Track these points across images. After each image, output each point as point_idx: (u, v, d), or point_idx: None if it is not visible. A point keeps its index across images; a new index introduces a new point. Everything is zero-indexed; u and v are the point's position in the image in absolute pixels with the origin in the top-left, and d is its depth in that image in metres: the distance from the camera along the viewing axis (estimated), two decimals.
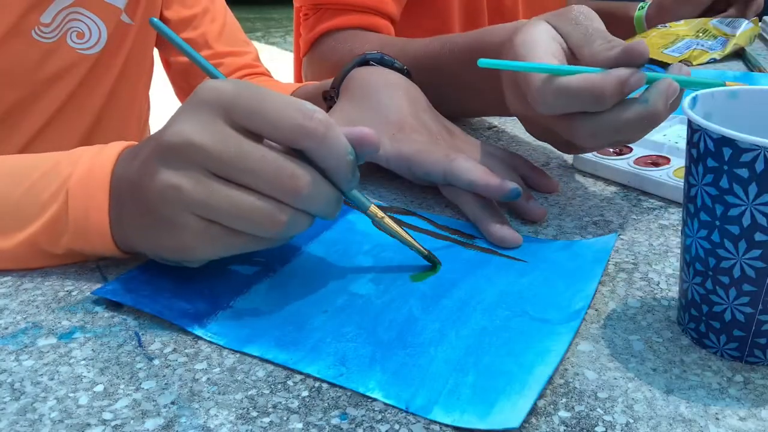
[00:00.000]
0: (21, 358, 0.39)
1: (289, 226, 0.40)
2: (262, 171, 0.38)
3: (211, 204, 0.39)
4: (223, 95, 0.39)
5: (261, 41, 5.08)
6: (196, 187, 0.38)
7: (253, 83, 0.41)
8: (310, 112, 0.39)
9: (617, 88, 0.46)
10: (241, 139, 0.39)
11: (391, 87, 0.60)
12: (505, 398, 0.35)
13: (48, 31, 0.70)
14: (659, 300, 0.44)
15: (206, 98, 0.39)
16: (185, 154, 0.38)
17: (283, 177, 0.39)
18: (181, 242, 0.40)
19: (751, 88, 0.41)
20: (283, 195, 0.39)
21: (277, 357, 0.39)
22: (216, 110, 0.39)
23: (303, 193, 0.39)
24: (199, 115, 0.39)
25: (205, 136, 0.38)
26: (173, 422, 0.34)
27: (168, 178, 0.39)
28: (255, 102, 0.39)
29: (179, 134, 0.39)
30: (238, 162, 0.38)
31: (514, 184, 0.51)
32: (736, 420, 0.35)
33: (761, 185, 0.34)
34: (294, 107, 0.39)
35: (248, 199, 0.39)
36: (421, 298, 0.44)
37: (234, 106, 0.39)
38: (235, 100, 0.39)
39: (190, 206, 0.39)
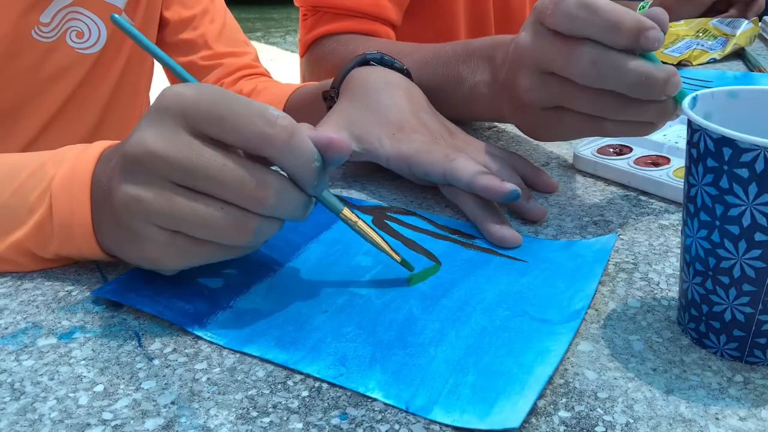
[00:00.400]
0: (21, 358, 0.39)
1: (257, 234, 0.39)
2: (225, 180, 0.38)
3: (174, 215, 0.38)
4: (183, 102, 0.38)
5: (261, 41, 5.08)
6: (158, 198, 0.38)
7: (217, 87, 0.40)
8: (273, 117, 0.38)
9: (636, 28, 0.46)
10: (203, 148, 0.38)
11: (392, 87, 0.60)
12: (505, 398, 0.35)
13: (47, 30, 0.70)
14: (659, 300, 0.44)
15: (167, 105, 0.38)
16: (146, 165, 0.38)
17: (248, 185, 0.38)
18: (146, 253, 0.40)
19: (751, 88, 0.41)
20: (248, 203, 0.38)
21: (277, 357, 0.39)
22: (177, 118, 0.38)
23: (269, 202, 0.38)
24: (160, 123, 0.38)
25: (165, 145, 0.37)
26: (173, 422, 0.34)
27: (130, 190, 0.38)
28: (216, 108, 0.38)
29: (140, 144, 0.38)
30: (200, 171, 0.37)
31: (513, 186, 0.51)
32: (736, 420, 0.35)
33: (761, 185, 0.34)
34: (256, 113, 0.38)
35: (211, 210, 0.38)
36: (421, 298, 0.44)
37: (195, 113, 0.38)
38: (195, 106, 0.38)
39: (152, 218, 0.38)
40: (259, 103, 0.39)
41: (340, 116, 0.59)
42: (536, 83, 0.53)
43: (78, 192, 0.42)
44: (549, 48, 0.51)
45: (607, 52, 0.48)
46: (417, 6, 0.96)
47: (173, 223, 0.38)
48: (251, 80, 0.85)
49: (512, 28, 1.05)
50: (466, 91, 0.64)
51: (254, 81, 0.85)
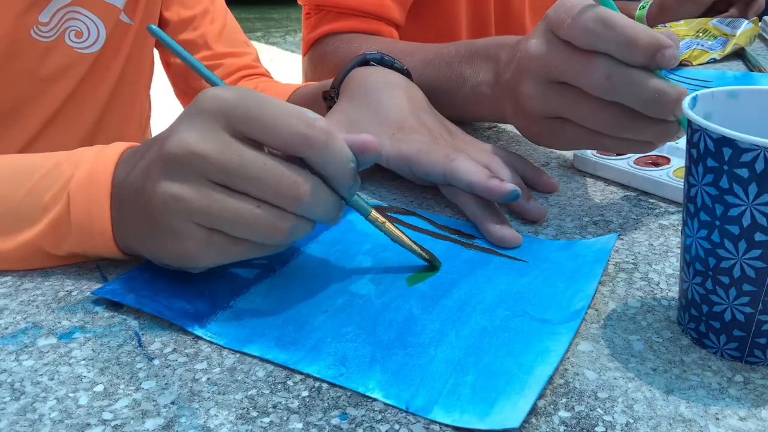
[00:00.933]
0: (21, 358, 0.39)
1: (291, 233, 0.40)
2: (263, 179, 0.39)
3: (213, 213, 0.39)
4: (224, 104, 0.39)
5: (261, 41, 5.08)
6: (198, 197, 0.39)
7: (254, 90, 0.41)
8: (312, 120, 0.39)
9: (653, 45, 0.47)
10: (243, 148, 0.39)
11: (391, 87, 0.60)
12: (505, 398, 0.35)
13: (46, 30, 0.70)
14: (659, 300, 0.44)
15: (207, 107, 0.39)
16: (187, 164, 0.39)
17: (285, 185, 0.39)
18: (184, 250, 0.40)
19: (751, 88, 0.41)
20: (284, 203, 0.39)
21: (277, 357, 0.39)
22: (217, 119, 0.39)
23: (304, 201, 0.39)
24: (201, 123, 0.39)
25: (206, 145, 0.38)
26: (173, 422, 0.34)
27: (170, 188, 0.39)
28: (256, 110, 0.39)
29: (181, 144, 0.39)
30: (239, 171, 0.38)
31: (513, 186, 0.51)
32: (736, 420, 0.35)
33: (761, 185, 0.34)
34: (295, 115, 0.39)
35: (250, 208, 0.39)
36: (421, 298, 0.44)
37: (235, 114, 0.39)
38: (235, 108, 0.39)
39: (192, 216, 0.39)
40: (296, 106, 0.40)
41: (340, 116, 0.59)
42: (541, 92, 0.53)
43: (97, 192, 0.43)
44: (561, 58, 0.51)
45: (622, 67, 0.48)
46: (419, 6, 0.96)
47: (212, 221, 0.39)
48: (251, 80, 0.85)
49: (512, 29, 1.05)
50: (469, 91, 0.64)
51: (254, 81, 0.85)
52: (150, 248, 0.43)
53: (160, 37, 0.46)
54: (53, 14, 0.70)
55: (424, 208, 0.56)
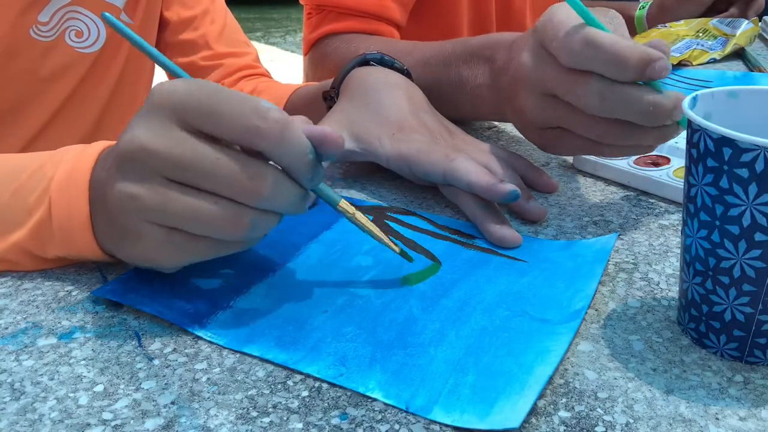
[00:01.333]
0: (21, 358, 0.39)
1: (254, 228, 0.39)
2: (219, 174, 0.38)
3: (169, 211, 0.38)
4: (175, 98, 0.38)
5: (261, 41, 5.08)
6: (153, 195, 0.38)
7: (209, 82, 0.39)
8: (265, 111, 0.38)
9: (642, 61, 0.46)
10: (196, 143, 0.38)
11: (391, 87, 0.60)
12: (505, 398, 0.35)
13: (46, 29, 0.70)
14: (659, 300, 0.44)
15: (158, 102, 0.38)
16: (140, 162, 0.38)
17: (242, 179, 0.38)
18: (144, 251, 0.40)
19: (751, 88, 0.41)
20: (243, 197, 0.38)
21: (277, 357, 0.39)
22: (168, 113, 0.38)
23: (264, 195, 0.38)
24: (152, 119, 0.38)
25: (158, 141, 0.37)
26: (173, 422, 0.34)
27: (125, 188, 0.38)
28: (207, 103, 0.38)
29: (132, 141, 0.38)
30: (193, 166, 0.37)
31: (513, 186, 0.51)
32: (736, 420, 0.35)
33: (761, 185, 0.34)
34: (248, 107, 0.38)
35: (206, 204, 0.38)
36: (421, 298, 0.44)
37: (186, 108, 0.38)
38: (187, 102, 0.38)
39: (147, 215, 0.38)
40: (252, 96, 0.38)
41: (340, 116, 0.59)
42: (538, 105, 0.53)
43: (76, 193, 0.42)
44: (553, 75, 0.50)
45: (614, 86, 0.48)
46: (421, 6, 0.96)
47: (168, 219, 0.38)
48: (251, 80, 0.85)
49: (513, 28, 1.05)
50: (468, 92, 0.64)
51: (254, 81, 0.85)
52: (117, 249, 0.42)
53: (114, 24, 0.44)
54: (53, 14, 0.70)
55: (424, 208, 0.56)
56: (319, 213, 0.54)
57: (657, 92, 0.48)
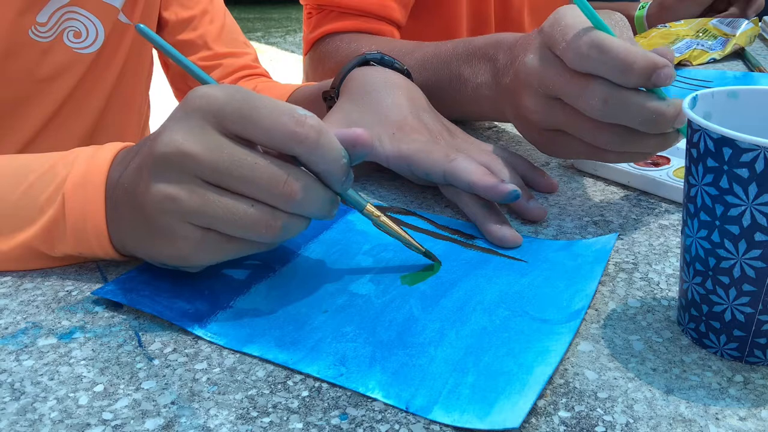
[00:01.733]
0: (21, 358, 0.39)
1: (285, 231, 0.40)
2: (255, 178, 0.39)
3: (207, 212, 0.39)
4: (213, 103, 0.39)
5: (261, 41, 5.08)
6: (191, 197, 0.39)
7: (244, 88, 0.40)
8: (302, 117, 0.39)
9: (648, 68, 0.46)
10: (234, 147, 0.39)
11: (391, 87, 0.60)
12: (505, 398, 0.35)
13: (44, 30, 0.70)
14: (659, 300, 0.44)
15: (197, 106, 0.39)
16: (178, 164, 0.38)
17: (277, 184, 0.39)
18: (179, 250, 0.40)
19: (751, 88, 0.41)
20: (277, 201, 0.39)
21: (277, 357, 0.39)
22: (207, 118, 0.39)
23: (297, 199, 0.39)
24: (191, 123, 0.39)
25: (197, 145, 0.38)
26: (173, 422, 0.34)
27: (163, 189, 0.39)
28: (246, 109, 0.39)
29: (171, 144, 0.38)
30: (231, 170, 0.38)
31: (513, 186, 0.51)
32: (736, 420, 0.35)
33: (761, 185, 0.34)
34: (286, 113, 0.39)
35: (243, 206, 0.39)
36: (421, 298, 0.44)
37: (225, 113, 0.39)
38: (225, 107, 0.39)
39: (186, 216, 0.39)
40: (288, 104, 0.39)
41: (340, 116, 0.59)
42: (540, 106, 0.53)
43: (92, 193, 0.43)
44: (558, 78, 0.50)
45: (618, 91, 0.48)
46: (420, 6, 0.96)
47: (206, 220, 0.39)
48: (251, 81, 0.85)
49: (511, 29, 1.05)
50: (469, 92, 0.64)
51: (254, 81, 0.85)
52: (145, 249, 0.43)
53: (149, 36, 0.45)
54: (51, 14, 0.70)
55: (424, 208, 0.56)
56: None
57: (661, 99, 0.48)
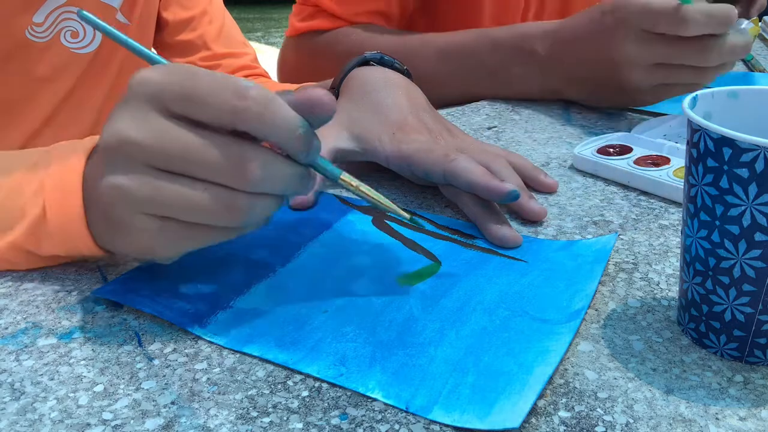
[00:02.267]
0: (21, 358, 0.39)
1: (251, 212, 0.38)
2: (206, 160, 0.36)
3: (159, 200, 0.37)
4: (151, 85, 0.37)
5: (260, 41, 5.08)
6: (141, 186, 0.37)
7: (185, 65, 0.38)
8: (243, 89, 0.36)
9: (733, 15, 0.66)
10: (178, 130, 0.37)
11: (392, 86, 0.61)
12: (505, 398, 0.35)
13: (41, 30, 0.69)
14: (659, 300, 0.44)
15: (136, 90, 0.37)
16: (124, 153, 0.37)
17: (231, 163, 0.36)
18: (140, 243, 0.39)
19: (751, 88, 0.41)
20: (234, 181, 0.37)
21: (277, 357, 0.39)
22: (147, 102, 0.37)
23: (255, 177, 0.37)
24: (132, 109, 0.37)
25: (140, 131, 0.36)
26: (173, 422, 0.34)
27: (112, 180, 0.37)
28: (185, 88, 0.36)
29: (115, 134, 0.37)
30: (180, 154, 0.36)
31: (513, 186, 0.51)
32: (736, 420, 0.35)
33: (761, 185, 0.34)
34: (227, 88, 0.36)
35: (197, 191, 0.37)
36: (421, 298, 0.44)
37: (165, 95, 0.37)
38: (164, 89, 0.37)
39: (138, 206, 0.37)
40: (232, 77, 0.37)
41: (340, 115, 0.59)
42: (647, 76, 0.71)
43: (69, 190, 0.42)
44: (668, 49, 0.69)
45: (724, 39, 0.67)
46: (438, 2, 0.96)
47: (159, 208, 0.37)
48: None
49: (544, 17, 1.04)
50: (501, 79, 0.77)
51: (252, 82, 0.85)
52: (112, 243, 0.42)
53: (90, 20, 0.42)
54: (48, 14, 0.69)
55: (424, 208, 0.56)
56: (320, 213, 0.54)
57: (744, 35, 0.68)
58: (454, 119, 0.77)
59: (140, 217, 0.38)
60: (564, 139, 0.71)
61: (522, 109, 0.80)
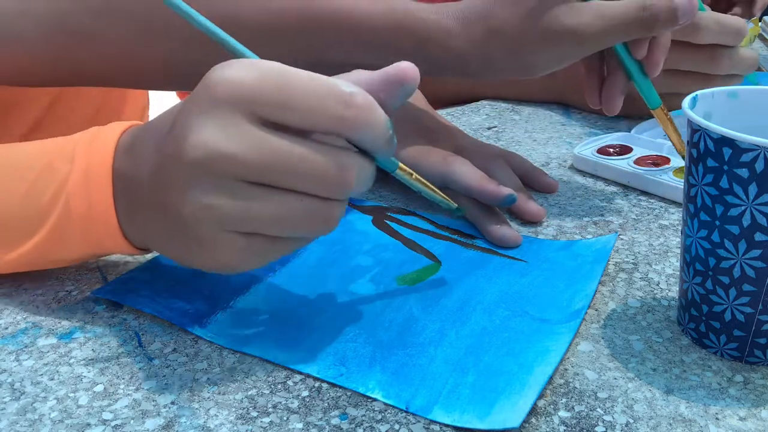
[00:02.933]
0: (21, 358, 0.39)
1: (339, 219, 0.36)
2: (305, 171, 0.34)
3: (252, 217, 0.34)
4: (242, 90, 0.33)
5: None
6: (233, 204, 0.34)
7: (274, 65, 0.34)
8: (350, 97, 0.34)
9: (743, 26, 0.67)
10: (274, 140, 0.33)
11: None
12: (505, 398, 0.35)
13: None
14: (659, 300, 0.44)
15: (224, 96, 0.33)
16: (215, 169, 0.33)
17: (330, 173, 0.34)
18: (220, 259, 0.36)
19: (751, 88, 0.41)
20: (331, 192, 0.35)
21: (277, 357, 0.39)
22: (239, 109, 0.33)
23: (353, 184, 0.35)
24: (218, 118, 0.33)
25: (232, 143, 0.33)
26: (173, 422, 0.34)
27: (200, 198, 0.34)
28: (283, 94, 0.33)
29: (203, 146, 0.33)
30: (276, 166, 0.33)
31: (509, 191, 0.51)
32: (736, 420, 0.35)
33: (761, 185, 0.34)
34: (329, 95, 0.33)
35: (292, 204, 0.34)
36: (421, 298, 0.44)
37: (258, 101, 0.33)
38: (258, 94, 0.33)
39: (227, 224, 0.35)
40: (327, 79, 0.34)
41: None
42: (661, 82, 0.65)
43: (97, 190, 0.39)
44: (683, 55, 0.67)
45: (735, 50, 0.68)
46: None
47: (250, 225, 0.35)
48: None
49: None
50: None
51: None
52: (177, 256, 0.39)
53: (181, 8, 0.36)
54: None
55: (424, 208, 0.56)
56: None
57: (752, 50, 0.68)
58: (454, 119, 0.77)
59: (228, 234, 0.35)
60: (564, 139, 0.71)
61: (522, 109, 0.80)
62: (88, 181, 0.39)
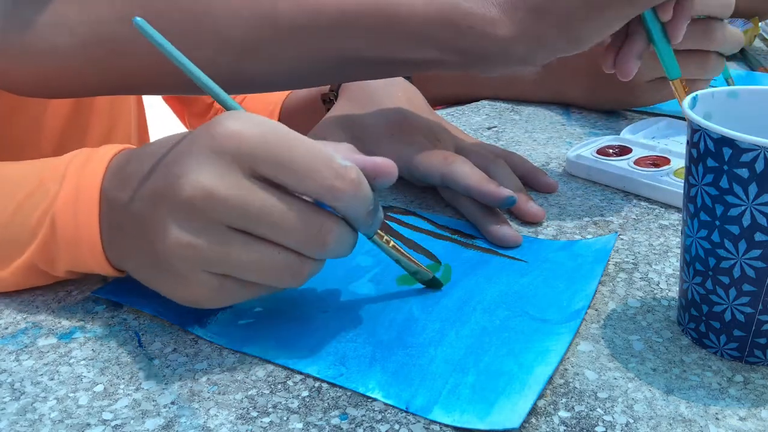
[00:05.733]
0: (21, 358, 0.39)
1: (309, 277, 0.38)
2: (287, 226, 0.36)
3: (230, 262, 0.36)
4: (245, 145, 0.35)
5: None
6: (214, 246, 0.36)
7: (275, 124, 0.37)
8: (342, 170, 0.36)
9: None
10: (263, 193, 0.36)
11: (391, 87, 0.61)
12: (505, 398, 0.35)
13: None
14: (659, 300, 0.44)
15: (226, 146, 0.35)
16: (203, 209, 0.35)
17: (310, 232, 0.36)
18: (193, 296, 0.38)
19: (751, 88, 0.41)
20: (307, 250, 0.37)
21: (277, 357, 0.39)
22: (238, 162, 0.35)
23: (330, 247, 0.37)
24: (215, 164, 0.35)
25: (223, 188, 0.35)
26: (173, 422, 0.34)
27: (183, 236, 0.36)
28: (281, 154, 0.35)
29: (197, 187, 0.35)
30: (261, 217, 0.36)
31: (509, 192, 0.51)
32: (736, 420, 0.35)
33: (761, 185, 0.34)
34: (325, 163, 0.36)
35: (269, 255, 0.36)
36: (421, 298, 0.44)
37: (257, 157, 0.35)
38: (258, 150, 0.35)
39: (204, 264, 0.36)
40: (324, 147, 0.37)
41: (339, 117, 0.60)
42: None
43: (84, 211, 0.40)
44: None
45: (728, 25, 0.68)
46: None
47: (227, 268, 0.37)
48: None
49: None
50: None
51: None
52: (153, 285, 0.40)
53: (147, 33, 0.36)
54: None
55: (424, 208, 0.56)
56: None
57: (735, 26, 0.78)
58: (454, 119, 0.77)
59: (203, 274, 0.37)
60: (564, 139, 0.71)
61: (522, 109, 0.80)
62: (77, 201, 0.40)
